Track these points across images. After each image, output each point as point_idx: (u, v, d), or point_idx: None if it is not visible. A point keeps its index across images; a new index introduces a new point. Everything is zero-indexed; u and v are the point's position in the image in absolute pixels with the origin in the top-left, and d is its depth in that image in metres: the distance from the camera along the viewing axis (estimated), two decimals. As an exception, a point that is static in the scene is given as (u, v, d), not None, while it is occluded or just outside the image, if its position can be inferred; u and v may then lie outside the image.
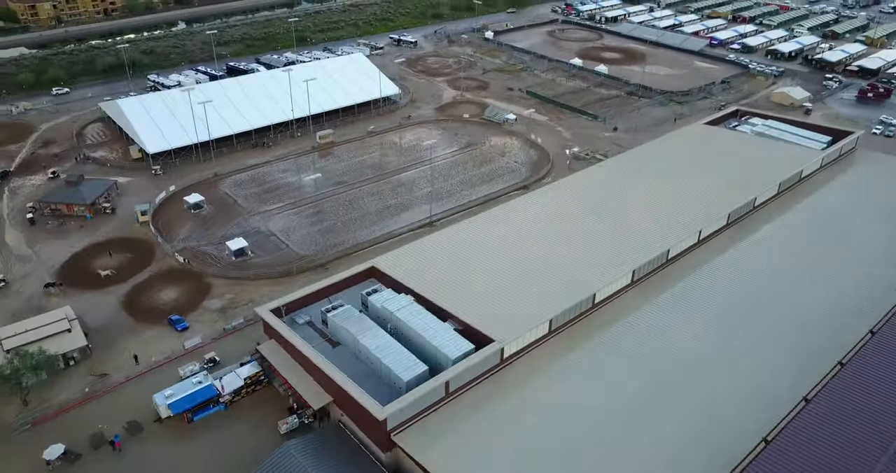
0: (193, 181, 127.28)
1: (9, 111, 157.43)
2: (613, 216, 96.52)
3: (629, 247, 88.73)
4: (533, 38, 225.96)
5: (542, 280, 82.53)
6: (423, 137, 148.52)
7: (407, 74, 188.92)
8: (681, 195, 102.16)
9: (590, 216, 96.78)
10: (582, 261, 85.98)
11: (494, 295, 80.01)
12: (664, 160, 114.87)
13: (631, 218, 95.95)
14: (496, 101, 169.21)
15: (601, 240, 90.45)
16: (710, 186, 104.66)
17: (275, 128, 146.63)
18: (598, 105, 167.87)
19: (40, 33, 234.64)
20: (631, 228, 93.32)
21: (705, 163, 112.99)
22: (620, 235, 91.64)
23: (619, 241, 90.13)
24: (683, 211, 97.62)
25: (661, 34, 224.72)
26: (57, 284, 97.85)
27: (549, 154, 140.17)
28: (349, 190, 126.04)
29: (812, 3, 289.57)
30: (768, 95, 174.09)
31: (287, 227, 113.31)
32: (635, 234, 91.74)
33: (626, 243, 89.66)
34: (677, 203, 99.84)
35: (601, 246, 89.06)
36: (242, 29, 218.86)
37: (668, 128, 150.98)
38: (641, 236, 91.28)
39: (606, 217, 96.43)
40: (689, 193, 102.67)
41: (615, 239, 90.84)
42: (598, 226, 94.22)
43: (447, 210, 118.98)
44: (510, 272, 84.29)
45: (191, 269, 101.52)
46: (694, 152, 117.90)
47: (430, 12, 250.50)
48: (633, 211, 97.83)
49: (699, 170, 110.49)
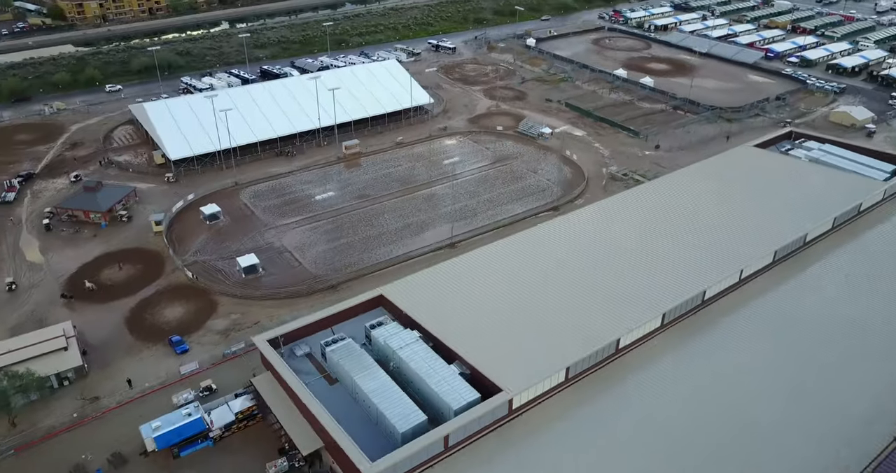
0: (213, 190, 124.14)
1: (42, 111, 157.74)
2: (646, 249, 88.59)
3: (661, 286, 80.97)
4: (577, 47, 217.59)
5: (563, 319, 75.58)
6: (453, 150, 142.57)
7: (442, 82, 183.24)
8: (722, 227, 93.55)
9: (620, 248, 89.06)
10: (607, 300, 78.58)
11: (508, 334, 73.51)
12: (706, 186, 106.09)
13: (665, 252, 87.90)
14: (532, 113, 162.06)
15: (630, 277, 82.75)
16: (756, 219, 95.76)
17: (301, 137, 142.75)
18: (640, 120, 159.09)
19: (84, 32, 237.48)
20: (664, 264, 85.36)
21: (752, 192, 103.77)
22: (652, 272, 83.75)
23: (649, 279, 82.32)
24: (724, 246, 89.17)
25: (713, 45, 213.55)
26: (68, 296, 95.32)
27: (584, 172, 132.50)
28: (371, 204, 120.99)
29: (880, 14, 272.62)
30: (827, 114, 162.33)
31: (302, 243, 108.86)
32: (669, 271, 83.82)
33: (657, 281, 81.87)
34: (718, 236, 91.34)
35: (629, 284, 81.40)
36: (280, 31, 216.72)
37: (714, 148, 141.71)
38: (675, 273, 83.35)
39: (638, 250, 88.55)
40: (731, 226, 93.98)
41: (646, 276, 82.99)
42: (629, 259, 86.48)
43: (471, 230, 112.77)
44: (528, 308, 77.59)
45: (199, 285, 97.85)
46: (739, 178, 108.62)
47: (471, 17, 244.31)
48: (667, 244, 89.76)
49: (744, 199, 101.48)
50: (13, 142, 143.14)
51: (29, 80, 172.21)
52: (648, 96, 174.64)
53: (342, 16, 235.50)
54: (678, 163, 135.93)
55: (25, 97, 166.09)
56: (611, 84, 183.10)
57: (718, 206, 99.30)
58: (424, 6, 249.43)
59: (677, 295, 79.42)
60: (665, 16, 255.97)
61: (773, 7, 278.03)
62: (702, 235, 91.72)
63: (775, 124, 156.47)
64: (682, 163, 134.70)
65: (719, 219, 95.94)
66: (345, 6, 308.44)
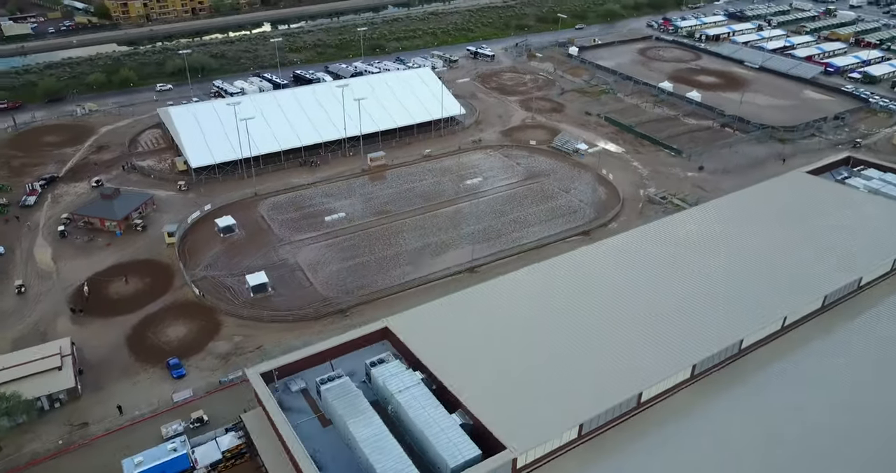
0: (232, 200, 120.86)
1: (74, 112, 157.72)
2: (678, 289, 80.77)
3: (692, 332, 73.37)
4: (622, 56, 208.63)
5: (581, 366, 68.85)
6: (482, 165, 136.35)
7: (478, 91, 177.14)
8: (766, 266, 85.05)
9: (650, 285, 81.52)
10: (631, 347, 71.33)
11: (519, 381, 67.04)
12: (750, 217, 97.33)
13: (699, 292, 80.00)
14: (569, 127, 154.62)
15: (659, 321, 75.24)
16: (805, 257, 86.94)
17: (326, 146, 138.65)
18: (684, 138, 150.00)
19: (126, 31, 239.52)
20: (698, 306, 77.52)
21: (801, 226, 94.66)
22: (683, 315, 76.05)
23: (680, 323, 74.71)
24: (767, 288, 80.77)
25: (768, 57, 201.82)
26: (77, 310, 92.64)
27: (619, 193, 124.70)
28: (391, 221, 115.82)
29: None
30: (890, 137, 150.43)
31: (316, 261, 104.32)
32: (702, 315, 76.00)
33: (688, 326, 74.25)
34: (760, 276, 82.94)
35: (657, 329, 73.95)
36: (317, 35, 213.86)
37: (764, 171, 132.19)
38: (710, 318, 75.51)
39: (670, 289, 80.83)
40: (776, 264, 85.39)
41: (676, 320, 75.36)
42: (658, 300, 78.88)
43: (493, 253, 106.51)
44: (543, 352, 71.00)
45: (205, 304, 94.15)
46: (788, 210, 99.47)
47: (513, 23, 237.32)
48: (703, 283, 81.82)
49: (793, 233, 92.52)
50: (42, 144, 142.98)
51: (64, 81, 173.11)
52: (695, 112, 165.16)
53: (381, 20, 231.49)
54: (722, 187, 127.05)
55: (59, 97, 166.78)
56: (655, 97, 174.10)
57: (763, 241, 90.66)
58: (466, 11, 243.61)
59: (710, 344, 71.73)
60: (718, 25, 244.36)
61: (835, 18, 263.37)
62: (742, 274, 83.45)
63: (832, 146, 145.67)
64: (727, 187, 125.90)
65: (763, 256, 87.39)
66: (387, 9, 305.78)
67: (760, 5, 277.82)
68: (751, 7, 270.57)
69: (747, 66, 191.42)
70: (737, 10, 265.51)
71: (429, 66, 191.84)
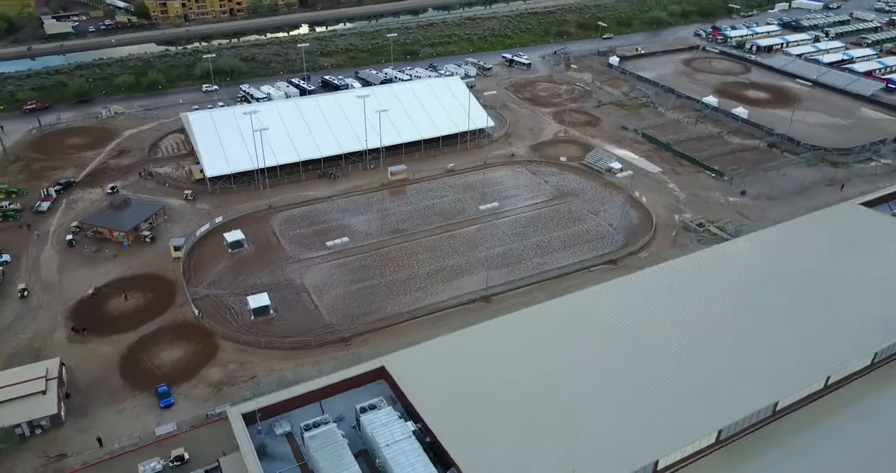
0: (245, 212, 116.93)
1: (99, 114, 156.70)
2: (708, 340, 73.02)
3: (720, 391, 65.81)
4: (665, 67, 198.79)
5: (591, 426, 62.02)
6: (507, 182, 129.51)
7: (510, 101, 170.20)
8: (807, 315, 76.50)
9: (675, 333, 73.93)
10: (649, 406, 64.12)
11: (522, 441, 60.69)
12: (793, 255, 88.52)
13: (730, 345, 72.08)
14: (604, 143, 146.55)
15: (682, 376, 67.74)
16: (853, 306, 78.04)
17: (347, 158, 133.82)
18: (727, 158, 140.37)
19: (164, 31, 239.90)
20: (727, 361, 69.71)
21: (851, 267, 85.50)
22: (710, 371, 68.39)
23: (706, 381, 67.12)
24: (808, 341, 72.44)
25: (824, 72, 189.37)
26: (81, 329, 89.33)
27: (652, 218, 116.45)
28: (406, 241, 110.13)
29: None
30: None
31: (323, 282, 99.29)
32: (732, 372, 68.26)
33: (716, 385, 66.63)
34: (801, 327, 74.57)
35: (679, 386, 66.50)
36: (349, 39, 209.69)
37: (813, 198, 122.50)
38: (740, 375, 67.77)
39: (697, 339, 73.07)
40: (818, 314, 76.80)
41: (702, 376, 67.73)
42: (683, 351, 71.26)
43: (511, 281, 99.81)
44: (551, 407, 64.40)
45: (203, 326, 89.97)
46: (837, 248, 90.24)
47: (553, 30, 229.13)
48: (735, 334, 73.80)
49: (840, 277, 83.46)
50: (64, 147, 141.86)
51: (94, 82, 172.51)
52: (740, 129, 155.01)
53: (415, 24, 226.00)
54: (766, 215, 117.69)
55: (88, 98, 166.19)
56: (698, 112, 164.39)
57: (804, 285, 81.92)
58: (504, 16, 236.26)
59: (740, 407, 64.09)
60: (771, 35, 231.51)
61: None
62: (781, 324, 75.13)
63: (891, 172, 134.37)
64: (771, 215, 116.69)
65: (806, 303, 78.79)
66: (427, 12, 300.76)
67: (818, 15, 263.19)
68: (807, 17, 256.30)
69: (800, 81, 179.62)
70: (792, 19, 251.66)
71: (462, 73, 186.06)
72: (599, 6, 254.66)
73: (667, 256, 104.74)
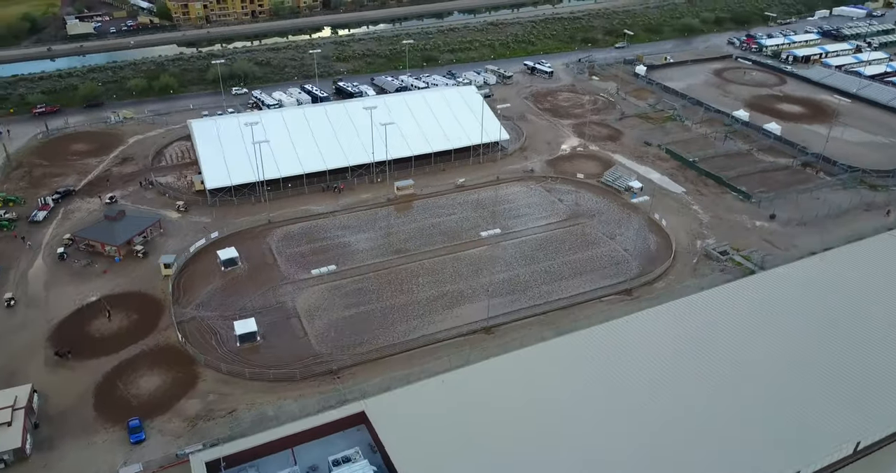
0: (242, 227, 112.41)
1: (108, 118, 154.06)
2: (724, 395, 65.89)
3: (735, 460, 58.61)
4: (695, 77, 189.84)
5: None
6: (519, 200, 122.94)
7: (529, 112, 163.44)
8: (836, 369, 68.82)
9: (689, 385, 66.95)
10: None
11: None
12: (826, 294, 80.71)
13: (752, 402, 64.86)
14: (624, 159, 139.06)
15: (695, 439, 60.74)
16: (890, 358, 70.07)
17: (353, 170, 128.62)
18: (756, 178, 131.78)
19: (184, 33, 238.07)
20: (748, 422, 62.52)
21: (888, 312, 77.37)
22: (726, 434, 61.29)
23: (720, 447, 60.01)
24: (837, 400, 64.85)
25: (865, 85, 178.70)
26: (65, 353, 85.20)
27: (672, 244, 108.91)
28: (407, 262, 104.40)
29: None
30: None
31: (316, 306, 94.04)
32: (751, 435, 61.03)
33: (732, 451, 59.48)
34: (830, 383, 66.94)
35: (689, 449, 59.54)
36: (367, 44, 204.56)
37: (848, 225, 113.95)
38: (760, 441, 60.48)
39: (716, 393, 66.02)
40: (849, 368, 69.01)
41: (717, 440, 60.68)
42: (698, 407, 64.29)
43: (515, 310, 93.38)
44: (550, 464, 58.05)
45: (185, 352, 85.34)
46: (876, 288, 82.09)
47: (579, 36, 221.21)
48: (757, 389, 66.51)
49: (878, 323, 75.45)
50: (68, 153, 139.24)
51: (106, 85, 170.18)
52: (772, 147, 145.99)
53: (436, 29, 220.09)
54: (796, 242, 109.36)
55: (98, 102, 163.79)
56: (728, 127, 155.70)
57: (835, 332, 74.12)
58: (528, 22, 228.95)
59: None
60: (809, 44, 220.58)
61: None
62: (806, 380, 67.59)
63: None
64: (802, 243, 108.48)
65: (834, 355, 71.05)
66: (452, 15, 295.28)
67: (861, 23, 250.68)
68: (849, 25, 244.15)
69: (839, 95, 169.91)
70: (832, 27, 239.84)
71: (481, 81, 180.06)
72: (628, 12, 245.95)
73: (685, 287, 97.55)
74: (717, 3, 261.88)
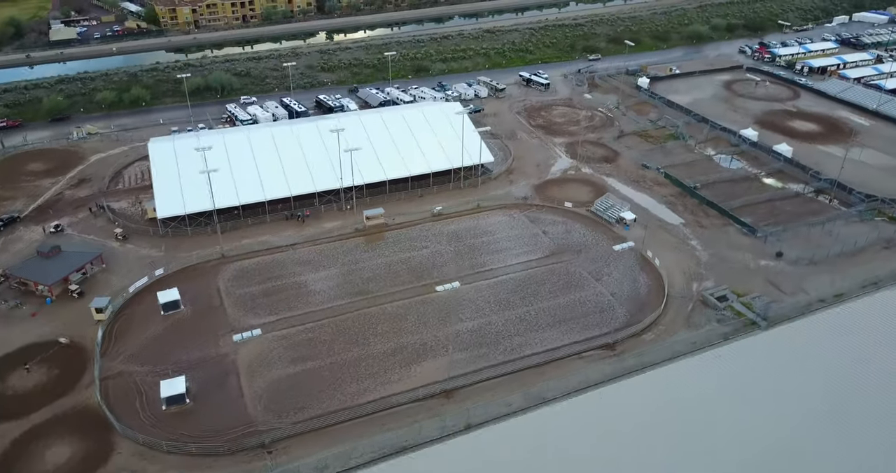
0: (192, 262, 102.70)
1: (70, 134, 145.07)
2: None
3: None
4: (702, 90, 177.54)
5: None
6: (499, 232, 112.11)
7: (520, 129, 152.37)
8: (851, 448, 57.69)
9: None
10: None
11: None
12: (840, 365, 69.40)
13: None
14: (619, 184, 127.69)
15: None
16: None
17: (321, 196, 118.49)
18: (762, 208, 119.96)
19: (169, 39, 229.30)
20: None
21: None
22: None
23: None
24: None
25: (886, 100, 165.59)
26: None
27: (664, 286, 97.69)
28: (367, 306, 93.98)
29: None
30: None
31: (259, 360, 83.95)
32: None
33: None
34: None
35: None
36: (354, 52, 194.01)
37: (866, 265, 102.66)
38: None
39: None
40: (867, 446, 57.85)
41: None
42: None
43: (481, 369, 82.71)
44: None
45: (104, 417, 75.61)
46: (889, 357, 70.68)
47: (580, 45, 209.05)
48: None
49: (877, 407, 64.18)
50: (22, 173, 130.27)
51: (74, 98, 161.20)
52: (782, 171, 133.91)
53: (428, 37, 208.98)
54: (805, 286, 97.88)
55: (65, 116, 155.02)
56: (734, 147, 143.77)
57: (847, 408, 62.90)
58: (527, 29, 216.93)
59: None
60: (826, 54, 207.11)
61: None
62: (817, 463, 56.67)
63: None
64: (811, 287, 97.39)
65: (849, 437, 59.89)
66: (453, 19, 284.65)
67: (882, 30, 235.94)
68: (869, 32, 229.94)
69: (858, 114, 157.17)
70: (852, 35, 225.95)
71: (471, 93, 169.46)
72: (634, 18, 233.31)
73: (675, 342, 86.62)
74: (730, 9, 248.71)
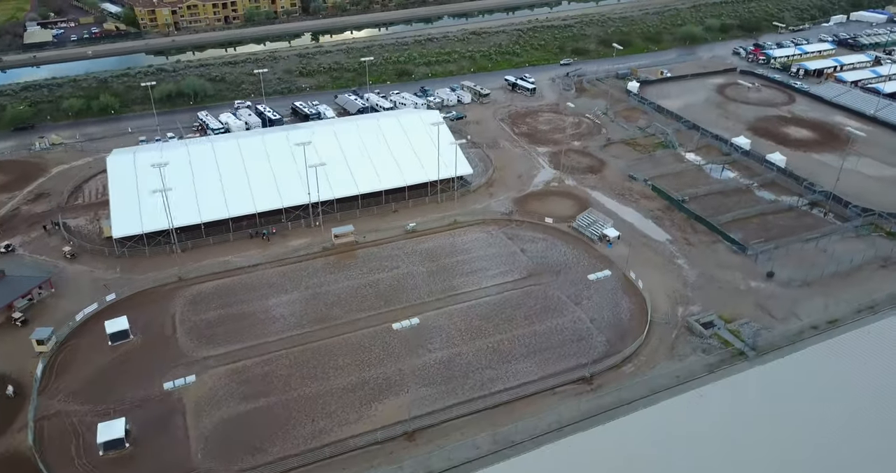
0: (147, 286, 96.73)
1: (32, 145, 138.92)
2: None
3: None
4: (694, 95, 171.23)
5: None
6: (475, 250, 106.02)
7: (502, 137, 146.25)
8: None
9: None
10: None
11: None
12: (840, 407, 63.56)
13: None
14: (603, 197, 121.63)
15: None
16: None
17: (288, 212, 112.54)
18: (754, 223, 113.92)
19: (146, 42, 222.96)
20: None
21: None
22: None
23: None
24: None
25: (885, 105, 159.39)
26: None
27: (647, 311, 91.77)
28: (329, 336, 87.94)
29: None
30: None
31: (208, 398, 78.00)
32: None
33: None
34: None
35: None
36: (335, 56, 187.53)
37: (863, 285, 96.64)
38: None
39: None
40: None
41: None
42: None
43: (447, 407, 76.77)
44: None
45: (35, 465, 69.74)
46: (879, 397, 64.85)
47: (569, 46, 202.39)
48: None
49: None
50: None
51: (40, 105, 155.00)
52: (775, 181, 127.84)
53: (412, 40, 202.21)
54: (797, 310, 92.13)
55: (28, 125, 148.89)
56: (726, 157, 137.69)
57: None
58: (514, 31, 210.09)
59: None
60: (823, 55, 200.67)
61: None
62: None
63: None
64: (804, 311, 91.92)
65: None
66: (442, 19, 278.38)
67: (881, 30, 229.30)
68: (867, 32, 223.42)
69: (855, 116, 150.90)
70: (849, 35, 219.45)
71: (454, 99, 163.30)
72: (625, 19, 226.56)
73: (658, 374, 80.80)
74: (724, 9, 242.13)
